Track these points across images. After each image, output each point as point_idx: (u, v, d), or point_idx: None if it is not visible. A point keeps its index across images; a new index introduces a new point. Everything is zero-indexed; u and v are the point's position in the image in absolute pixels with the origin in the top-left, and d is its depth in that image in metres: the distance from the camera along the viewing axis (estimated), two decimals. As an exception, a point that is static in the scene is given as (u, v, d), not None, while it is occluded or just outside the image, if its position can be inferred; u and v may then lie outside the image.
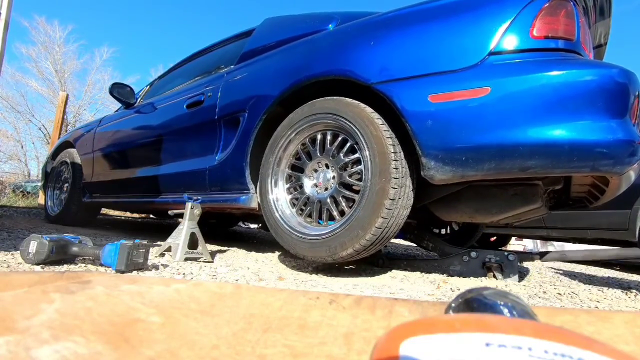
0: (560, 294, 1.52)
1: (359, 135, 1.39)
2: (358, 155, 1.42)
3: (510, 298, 0.33)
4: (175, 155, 2.23)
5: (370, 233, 1.29)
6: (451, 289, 1.35)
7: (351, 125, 1.41)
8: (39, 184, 6.02)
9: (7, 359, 0.36)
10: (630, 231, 2.91)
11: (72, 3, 33.07)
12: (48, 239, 1.21)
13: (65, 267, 1.26)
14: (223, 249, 2.20)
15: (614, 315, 0.46)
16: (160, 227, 3.83)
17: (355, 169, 1.43)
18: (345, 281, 1.38)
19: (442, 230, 2.80)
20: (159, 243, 1.93)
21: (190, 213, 1.73)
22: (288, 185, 1.63)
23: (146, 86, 3.24)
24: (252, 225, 5.34)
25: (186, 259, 1.63)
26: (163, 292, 0.53)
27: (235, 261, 1.75)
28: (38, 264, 1.21)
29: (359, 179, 1.41)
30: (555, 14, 1.22)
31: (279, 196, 1.62)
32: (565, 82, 1.11)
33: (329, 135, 1.53)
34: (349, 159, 1.45)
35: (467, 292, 0.35)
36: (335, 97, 1.52)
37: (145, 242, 1.28)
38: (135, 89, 3.09)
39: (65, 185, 3.21)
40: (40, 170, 6.16)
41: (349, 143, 1.46)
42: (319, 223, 1.50)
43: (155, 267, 1.36)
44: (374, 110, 1.41)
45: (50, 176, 3.46)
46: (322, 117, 1.51)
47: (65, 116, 6.43)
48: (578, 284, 2.00)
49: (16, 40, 20.52)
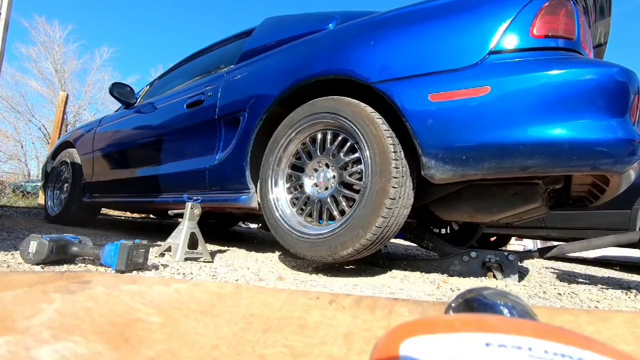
0: (560, 294, 1.52)
1: (359, 134, 1.39)
2: (358, 154, 1.42)
3: (510, 298, 0.33)
4: (176, 155, 2.23)
5: (370, 232, 1.29)
6: (451, 289, 1.35)
7: (351, 125, 1.41)
8: (39, 184, 6.02)
9: (7, 359, 0.36)
10: (630, 231, 2.91)
11: (72, 3, 33.08)
12: (48, 239, 1.21)
13: (65, 267, 1.26)
14: (223, 249, 2.20)
15: (614, 315, 0.46)
16: (160, 227, 3.83)
17: (355, 169, 1.43)
18: (345, 281, 1.38)
19: (442, 230, 2.80)
20: (159, 243, 1.93)
21: (190, 213, 1.73)
22: (288, 184, 1.63)
23: (146, 86, 3.24)
24: (252, 225, 5.34)
25: (186, 259, 1.63)
26: (163, 292, 0.53)
27: (235, 261, 1.75)
28: (38, 264, 1.21)
29: (359, 179, 1.41)
30: (556, 13, 1.22)
31: (279, 196, 1.62)
32: (566, 81, 1.11)
33: (329, 135, 1.53)
34: (349, 158, 1.45)
35: (467, 292, 0.35)
36: (335, 97, 1.52)
37: (145, 242, 1.28)
38: (135, 89, 3.09)
39: (65, 185, 3.21)
40: (40, 170, 6.16)
41: (349, 142, 1.46)
42: (319, 222, 1.50)
43: (155, 267, 1.36)
44: (374, 110, 1.41)
45: (50, 176, 3.45)
46: (323, 117, 1.51)
47: (65, 116, 6.43)
48: (578, 284, 2.00)
49: (16, 40, 20.57)
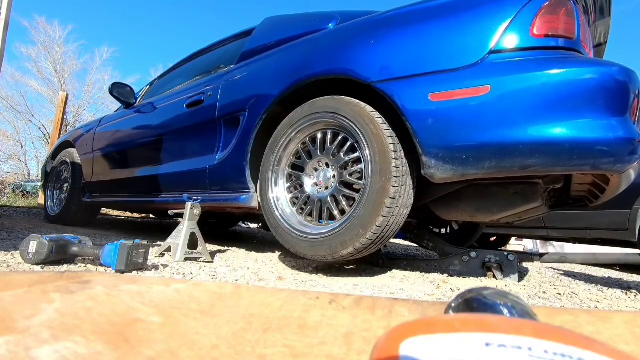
0: (560, 294, 1.52)
1: (360, 134, 1.39)
2: (358, 154, 1.42)
3: (510, 298, 0.33)
4: (176, 154, 2.23)
5: (371, 232, 1.29)
6: (451, 289, 1.35)
7: (351, 124, 1.41)
8: (39, 184, 6.02)
9: (7, 359, 0.36)
10: (630, 231, 2.90)
11: (72, 3, 33.09)
12: (48, 239, 1.21)
13: (65, 267, 1.26)
14: (223, 249, 2.20)
15: (614, 315, 0.46)
16: (160, 227, 3.83)
17: (355, 168, 1.43)
18: (345, 281, 1.38)
19: (442, 230, 2.80)
20: (159, 243, 1.93)
21: (190, 213, 1.73)
22: (288, 184, 1.63)
23: (146, 86, 3.24)
24: (253, 225, 5.34)
25: (186, 259, 1.63)
26: (163, 292, 0.53)
27: (235, 261, 1.75)
28: (38, 264, 1.21)
29: (360, 178, 1.41)
30: (556, 13, 1.22)
31: (280, 195, 1.62)
32: (566, 81, 1.11)
33: (329, 134, 1.53)
34: (349, 157, 1.45)
35: (467, 292, 0.35)
36: (335, 96, 1.52)
37: (145, 242, 1.28)
38: (135, 89, 3.09)
39: (65, 185, 3.21)
40: (40, 170, 6.16)
41: (350, 142, 1.46)
42: (320, 222, 1.50)
43: (155, 267, 1.36)
44: (374, 109, 1.41)
45: (50, 176, 3.45)
46: (323, 116, 1.51)
47: (65, 116, 6.43)
48: (578, 284, 2.00)
49: (16, 40, 20.58)
